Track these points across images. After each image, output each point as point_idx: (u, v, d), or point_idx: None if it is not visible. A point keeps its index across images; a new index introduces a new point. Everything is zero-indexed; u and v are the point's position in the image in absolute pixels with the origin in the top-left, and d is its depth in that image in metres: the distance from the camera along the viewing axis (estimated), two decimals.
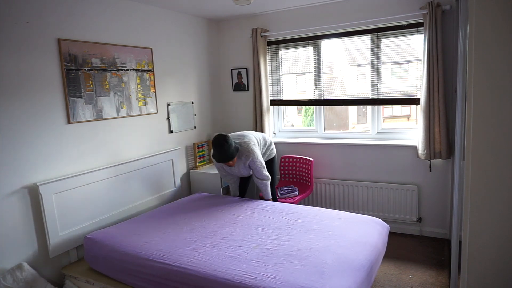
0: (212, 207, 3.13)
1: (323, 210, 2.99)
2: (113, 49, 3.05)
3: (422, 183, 3.47)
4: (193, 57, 4.01)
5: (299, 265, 2.07)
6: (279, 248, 2.30)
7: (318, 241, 2.36)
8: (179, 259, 2.23)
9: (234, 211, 3.00)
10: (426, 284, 2.68)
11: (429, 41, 3.10)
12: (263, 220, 2.78)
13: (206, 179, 3.82)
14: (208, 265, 2.14)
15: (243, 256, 2.22)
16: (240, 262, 2.15)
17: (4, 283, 2.27)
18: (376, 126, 3.77)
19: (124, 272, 2.37)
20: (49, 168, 2.61)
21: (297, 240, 2.41)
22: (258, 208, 3.04)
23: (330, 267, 2.04)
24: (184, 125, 3.89)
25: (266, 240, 2.42)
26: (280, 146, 4.15)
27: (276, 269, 2.04)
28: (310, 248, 2.27)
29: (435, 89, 3.14)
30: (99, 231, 2.70)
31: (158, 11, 3.51)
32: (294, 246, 2.31)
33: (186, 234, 2.60)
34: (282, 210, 2.96)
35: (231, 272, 2.04)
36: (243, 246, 2.36)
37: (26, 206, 2.48)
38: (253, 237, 2.49)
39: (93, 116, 2.89)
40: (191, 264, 2.16)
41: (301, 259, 2.14)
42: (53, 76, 2.61)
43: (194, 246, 2.39)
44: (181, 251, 2.32)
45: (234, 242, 2.42)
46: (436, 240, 3.40)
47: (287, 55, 4.10)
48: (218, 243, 2.43)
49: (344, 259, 2.12)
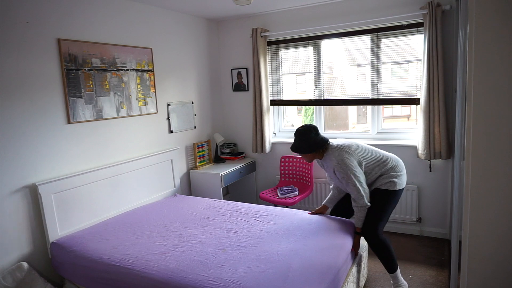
0: (188, 210, 3.12)
1: (298, 212, 2.93)
2: (113, 49, 3.05)
3: (422, 183, 3.47)
4: (193, 57, 4.01)
5: (265, 269, 2.04)
6: (247, 252, 2.28)
7: (287, 244, 2.34)
8: (145, 264, 2.19)
9: (208, 214, 2.99)
10: (426, 284, 2.68)
11: (429, 41, 3.10)
12: (236, 223, 2.77)
13: (206, 179, 3.82)
14: (175, 270, 2.10)
15: (210, 260, 2.20)
16: (207, 267, 2.12)
17: (4, 283, 2.27)
18: (376, 126, 3.77)
19: (90, 279, 2.32)
20: (49, 168, 2.61)
21: (267, 243, 2.38)
22: (232, 211, 3.03)
23: (295, 271, 2.01)
24: (184, 125, 3.89)
25: (236, 244, 2.40)
26: (280, 146, 4.15)
27: (241, 273, 2.02)
28: (278, 251, 2.24)
29: (435, 89, 3.14)
30: (67, 236, 2.63)
31: (158, 11, 3.51)
32: (263, 250, 2.29)
33: (157, 237, 2.57)
34: (256, 212, 2.94)
35: (195, 278, 2.00)
36: (212, 250, 2.33)
37: (26, 206, 2.47)
38: (223, 241, 2.46)
39: (93, 116, 2.89)
40: (157, 270, 2.12)
41: (268, 263, 2.11)
42: (53, 76, 2.61)
43: (163, 250, 2.36)
44: (149, 256, 2.28)
45: (203, 246, 2.39)
46: (436, 240, 3.40)
47: (287, 55, 4.10)
48: (188, 246, 2.40)
49: (310, 263, 2.10)
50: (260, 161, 4.33)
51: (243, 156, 4.35)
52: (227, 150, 4.33)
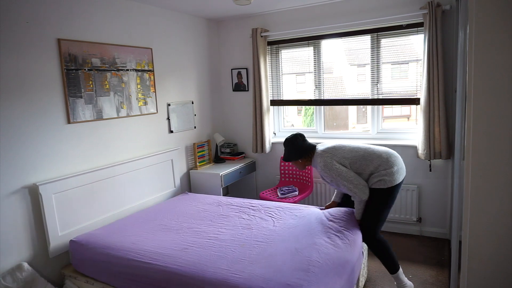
0: (199, 207, 3.15)
1: (308, 207, 2.97)
2: (113, 49, 3.05)
3: (422, 183, 3.47)
4: (193, 57, 4.01)
5: (286, 262, 2.09)
6: (266, 247, 2.32)
7: (304, 239, 2.38)
8: (166, 259, 2.23)
9: (221, 211, 3.03)
10: (426, 284, 2.68)
11: (429, 41, 3.10)
12: (249, 219, 2.81)
13: (206, 179, 3.82)
14: (197, 264, 2.14)
15: (230, 255, 2.24)
16: (228, 260, 2.16)
17: (4, 283, 2.27)
18: (376, 126, 3.77)
19: (111, 274, 2.35)
20: (49, 168, 2.61)
21: (284, 238, 2.43)
22: (244, 207, 3.07)
23: (315, 264, 2.06)
24: (184, 125, 3.89)
25: (253, 239, 2.45)
26: (280, 146, 4.15)
27: (262, 267, 2.06)
28: (296, 246, 2.29)
29: (435, 89, 3.14)
30: (85, 234, 2.67)
31: (158, 11, 3.51)
32: (281, 245, 2.33)
33: (173, 234, 2.61)
34: (268, 209, 2.98)
35: (219, 271, 2.05)
36: (230, 245, 2.37)
37: (26, 206, 2.47)
38: (240, 236, 2.51)
39: (93, 116, 2.89)
40: (179, 264, 2.16)
41: (288, 257, 2.16)
42: (53, 76, 2.61)
43: (182, 246, 2.40)
44: (169, 251, 2.32)
45: (221, 242, 2.43)
46: (436, 240, 3.40)
47: (287, 55, 4.10)
48: (205, 242, 2.44)
49: (328, 257, 2.15)
50: (260, 161, 4.33)
51: (243, 156, 4.35)
52: (227, 150, 4.33)
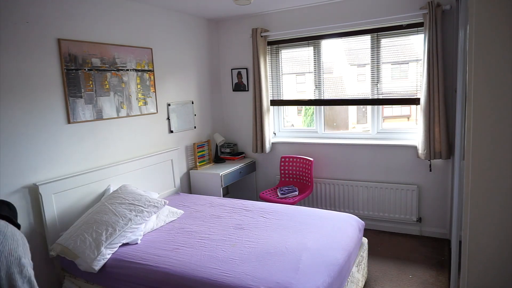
0: (192, 207, 3.16)
1: (300, 208, 3.01)
2: (113, 49, 3.05)
3: (422, 183, 3.47)
4: (193, 57, 4.01)
5: (276, 262, 2.12)
6: (256, 246, 2.34)
7: (295, 238, 2.41)
8: (157, 259, 2.24)
9: (213, 211, 3.03)
10: (426, 284, 2.68)
11: (429, 41, 3.10)
12: (241, 220, 2.82)
13: (206, 179, 3.82)
14: (187, 264, 2.16)
15: (221, 255, 2.25)
16: (219, 260, 2.18)
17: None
18: (376, 126, 3.77)
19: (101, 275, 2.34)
20: (49, 168, 2.61)
21: (274, 238, 2.45)
22: (236, 208, 3.08)
23: (305, 263, 2.08)
24: (184, 125, 3.89)
25: (244, 239, 2.46)
26: (280, 146, 4.15)
27: (253, 266, 2.08)
28: (286, 246, 2.31)
29: (435, 89, 3.14)
30: None
31: (158, 11, 3.51)
32: (271, 244, 2.35)
33: (164, 234, 2.63)
34: (260, 209, 2.99)
35: (209, 271, 2.07)
36: (221, 245, 2.39)
37: (26, 206, 2.47)
38: (231, 236, 2.52)
39: (93, 116, 2.89)
40: (170, 264, 2.17)
41: (278, 256, 2.19)
42: (53, 76, 2.61)
43: (173, 246, 2.41)
44: (160, 252, 2.33)
45: (212, 242, 2.45)
46: (436, 240, 3.40)
47: (287, 55, 4.10)
48: (196, 242, 2.45)
49: (318, 255, 2.17)
50: (260, 161, 4.33)
51: (243, 156, 4.35)
52: (227, 150, 4.33)
